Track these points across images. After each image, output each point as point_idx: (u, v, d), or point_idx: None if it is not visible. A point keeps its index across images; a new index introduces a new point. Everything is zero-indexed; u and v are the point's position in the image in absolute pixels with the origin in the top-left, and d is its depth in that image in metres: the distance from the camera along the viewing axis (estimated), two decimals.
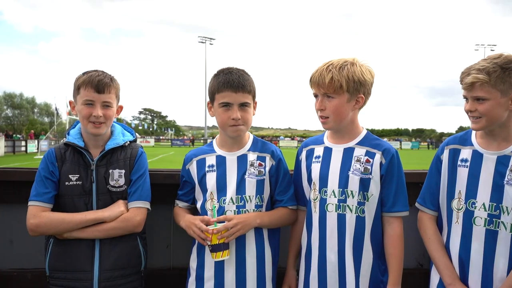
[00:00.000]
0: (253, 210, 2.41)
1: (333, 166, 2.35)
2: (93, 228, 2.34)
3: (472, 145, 2.28)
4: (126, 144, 2.52)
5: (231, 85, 2.34)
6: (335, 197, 2.31)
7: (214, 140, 2.60)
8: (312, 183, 2.41)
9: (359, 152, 2.34)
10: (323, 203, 2.34)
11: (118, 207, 2.39)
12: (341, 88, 2.23)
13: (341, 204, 2.30)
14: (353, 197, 2.28)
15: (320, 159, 2.41)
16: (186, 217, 2.47)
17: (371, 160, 2.31)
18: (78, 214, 2.34)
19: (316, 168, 2.40)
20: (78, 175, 2.40)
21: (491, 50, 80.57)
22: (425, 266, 2.91)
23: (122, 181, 2.44)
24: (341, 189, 2.30)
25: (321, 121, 2.35)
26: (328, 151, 2.40)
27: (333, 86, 2.23)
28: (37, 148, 38.25)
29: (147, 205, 2.46)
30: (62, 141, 2.54)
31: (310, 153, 2.48)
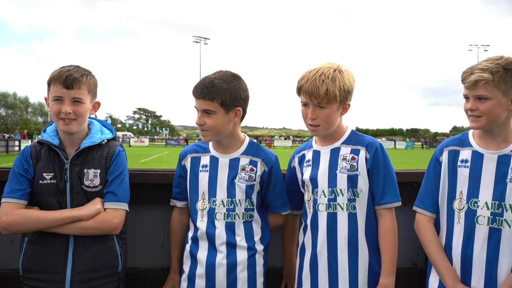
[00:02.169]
0: (243, 213, 2.43)
1: (321, 167, 2.41)
2: (69, 225, 2.27)
3: (471, 146, 2.29)
4: (103, 142, 2.45)
5: (195, 91, 2.37)
6: (325, 196, 2.36)
7: None
8: (305, 185, 2.46)
9: (345, 151, 2.40)
10: (315, 203, 2.40)
11: (94, 205, 2.33)
12: (335, 98, 2.27)
13: (331, 203, 2.35)
14: (342, 195, 2.34)
15: (310, 162, 2.47)
16: (171, 271, 2.64)
17: (356, 156, 2.37)
18: (53, 212, 2.27)
19: (307, 171, 2.46)
20: (52, 174, 2.34)
21: (485, 50, 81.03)
22: (419, 265, 2.92)
23: (97, 181, 2.37)
24: (330, 189, 2.36)
25: (312, 128, 2.38)
26: (316, 154, 2.47)
27: (328, 97, 2.26)
28: None
29: (124, 206, 2.39)
30: (38, 138, 2.50)
31: (302, 159, 2.54)
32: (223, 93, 2.33)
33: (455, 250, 2.25)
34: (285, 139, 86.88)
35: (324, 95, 2.25)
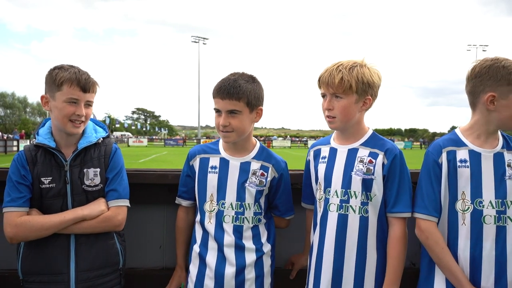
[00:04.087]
0: (252, 217, 2.44)
1: (337, 167, 2.36)
2: (73, 226, 2.28)
3: (466, 145, 2.28)
4: (99, 141, 2.46)
5: (219, 92, 2.33)
6: (337, 197, 2.32)
7: (220, 140, 2.55)
8: (318, 183, 2.42)
9: (363, 153, 2.34)
10: (326, 202, 2.35)
11: (99, 205, 2.33)
12: (351, 88, 2.23)
13: (343, 204, 2.30)
14: (356, 197, 2.28)
15: (326, 159, 2.42)
16: (177, 270, 2.64)
17: (373, 160, 2.30)
18: (57, 216, 2.27)
19: (322, 168, 2.41)
20: (51, 178, 2.32)
21: (483, 50, 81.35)
22: (418, 265, 2.92)
23: (97, 180, 2.38)
24: (343, 190, 2.31)
25: (328, 120, 2.34)
26: (333, 152, 2.41)
27: (343, 87, 2.23)
28: None
29: (126, 202, 2.42)
30: (32, 141, 2.45)
31: (317, 154, 2.49)
32: (248, 93, 2.34)
33: (462, 252, 2.21)
34: (283, 139, 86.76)
35: (339, 84, 2.23)
